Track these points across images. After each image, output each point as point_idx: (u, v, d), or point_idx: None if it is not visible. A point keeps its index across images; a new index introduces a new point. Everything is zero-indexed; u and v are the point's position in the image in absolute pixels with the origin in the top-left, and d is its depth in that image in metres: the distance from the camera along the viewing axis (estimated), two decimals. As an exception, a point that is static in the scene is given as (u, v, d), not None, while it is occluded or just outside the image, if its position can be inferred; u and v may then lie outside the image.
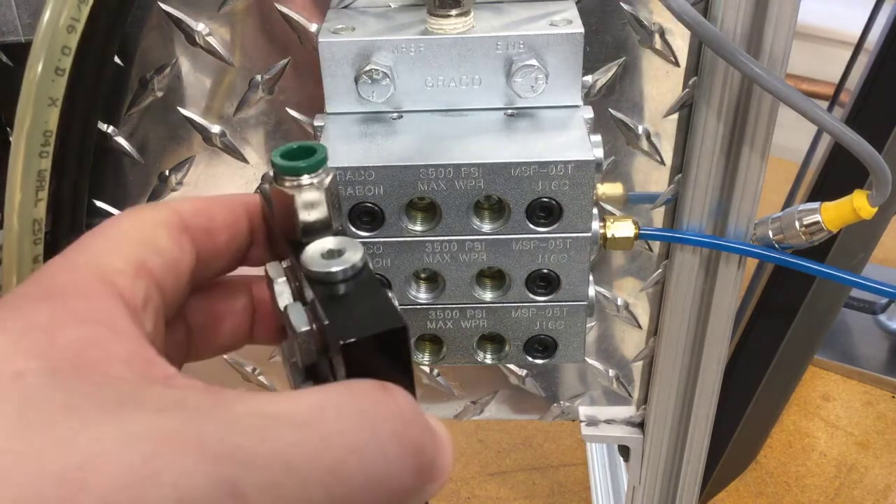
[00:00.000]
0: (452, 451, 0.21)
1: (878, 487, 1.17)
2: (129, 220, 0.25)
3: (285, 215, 0.24)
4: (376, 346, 0.21)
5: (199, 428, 0.18)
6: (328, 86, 0.39)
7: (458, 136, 0.37)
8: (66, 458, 0.17)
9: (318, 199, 0.24)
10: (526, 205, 0.36)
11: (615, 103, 0.44)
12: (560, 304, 0.39)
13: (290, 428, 0.18)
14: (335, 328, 0.21)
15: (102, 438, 0.17)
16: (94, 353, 0.19)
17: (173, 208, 0.25)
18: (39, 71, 0.36)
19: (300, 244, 0.24)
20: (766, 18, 0.39)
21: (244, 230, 0.27)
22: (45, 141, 0.37)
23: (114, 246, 0.23)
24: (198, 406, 0.18)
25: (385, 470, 0.19)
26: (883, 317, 1.42)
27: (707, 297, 0.49)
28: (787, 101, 0.37)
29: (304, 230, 0.24)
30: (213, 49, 0.43)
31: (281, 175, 0.24)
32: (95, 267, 0.22)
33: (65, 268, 0.22)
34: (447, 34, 0.38)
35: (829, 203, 0.43)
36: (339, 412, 0.19)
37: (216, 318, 0.28)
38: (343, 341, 0.21)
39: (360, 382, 0.20)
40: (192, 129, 0.45)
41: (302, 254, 0.23)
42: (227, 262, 0.28)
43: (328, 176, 0.24)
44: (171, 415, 0.18)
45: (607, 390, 0.55)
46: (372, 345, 0.21)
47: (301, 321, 0.23)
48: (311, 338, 0.23)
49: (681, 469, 0.57)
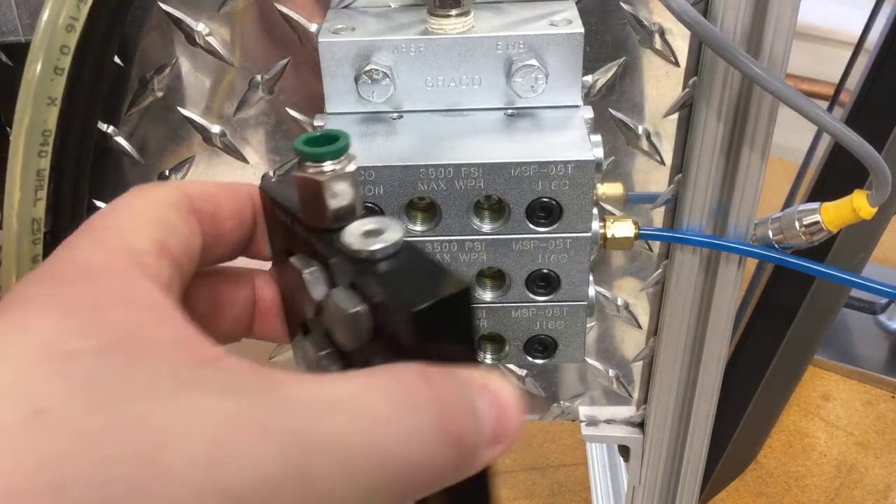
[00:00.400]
0: (520, 415, 0.21)
1: (878, 487, 1.17)
2: (141, 199, 0.24)
3: (312, 202, 0.24)
4: (446, 310, 0.21)
5: (261, 411, 0.18)
6: (328, 86, 0.39)
7: (458, 136, 0.37)
8: (145, 438, 0.16)
9: (345, 183, 0.24)
10: (526, 205, 0.36)
11: (615, 103, 0.44)
12: (560, 304, 0.39)
13: (344, 413, 0.18)
14: (402, 298, 0.21)
15: (174, 419, 0.17)
16: (142, 335, 0.19)
17: (182, 189, 0.25)
18: (38, 70, 0.36)
19: (327, 231, 0.24)
20: (766, 18, 0.39)
21: (249, 220, 0.27)
22: (44, 140, 0.37)
23: (135, 226, 0.23)
24: (256, 389, 0.18)
25: (429, 459, 0.19)
26: (883, 317, 1.42)
27: (707, 297, 0.49)
28: (787, 101, 0.37)
29: (334, 215, 0.24)
30: (213, 49, 0.43)
31: (305, 162, 0.24)
32: (124, 247, 0.22)
33: (95, 248, 0.22)
34: (447, 34, 0.38)
35: (829, 203, 0.43)
36: (385, 398, 0.19)
37: (218, 307, 0.28)
38: (415, 308, 0.20)
39: (402, 368, 0.20)
40: (192, 129, 0.45)
41: (341, 237, 0.23)
42: (228, 250, 0.27)
43: (351, 162, 0.24)
44: (234, 397, 0.18)
45: (607, 390, 0.55)
46: (441, 309, 0.21)
47: (351, 303, 0.22)
48: (362, 319, 0.22)
49: (681, 469, 0.57)
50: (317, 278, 0.24)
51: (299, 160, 0.24)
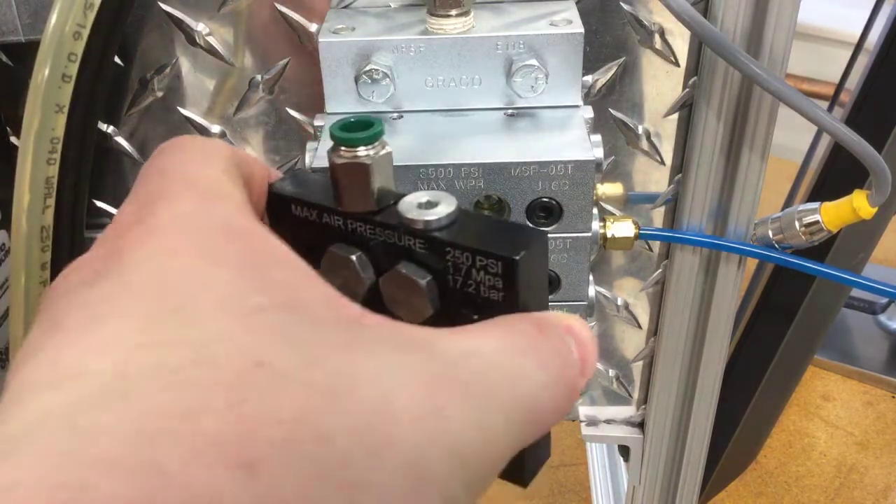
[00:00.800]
0: (595, 352, 0.22)
1: (878, 487, 1.17)
2: (215, 156, 0.23)
3: (356, 187, 0.25)
4: (535, 255, 0.22)
5: (433, 367, 0.18)
6: (328, 86, 0.39)
7: (458, 136, 0.37)
8: (367, 391, 0.16)
9: (388, 164, 0.25)
10: (526, 205, 0.36)
11: (615, 103, 0.44)
12: (560, 305, 0.39)
13: (492, 368, 0.19)
14: (501, 249, 0.21)
15: (380, 374, 0.17)
16: (299, 294, 0.19)
17: (229, 148, 0.24)
18: (46, 77, 0.36)
19: (372, 213, 0.24)
20: (766, 18, 0.39)
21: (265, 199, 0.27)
22: (53, 148, 0.37)
23: (233, 184, 0.22)
24: (420, 345, 0.18)
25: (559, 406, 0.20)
26: (883, 317, 1.42)
27: (707, 297, 0.49)
28: (787, 102, 0.37)
29: (378, 196, 0.25)
30: (214, 49, 0.43)
31: (342, 147, 0.24)
32: (244, 204, 0.22)
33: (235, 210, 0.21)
34: (447, 34, 0.38)
35: (828, 203, 0.43)
36: (513, 350, 0.20)
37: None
38: (517, 255, 0.21)
39: (517, 319, 0.21)
40: (192, 129, 0.45)
41: (399, 212, 0.23)
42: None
43: (386, 145, 0.25)
44: (408, 354, 0.18)
45: (607, 390, 0.55)
46: (532, 255, 0.22)
47: (421, 274, 0.23)
48: (434, 287, 0.23)
49: (681, 469, 0.57)
50: (364, 262, 0.25)
51: (335, 147, 0.24)
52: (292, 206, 0.27)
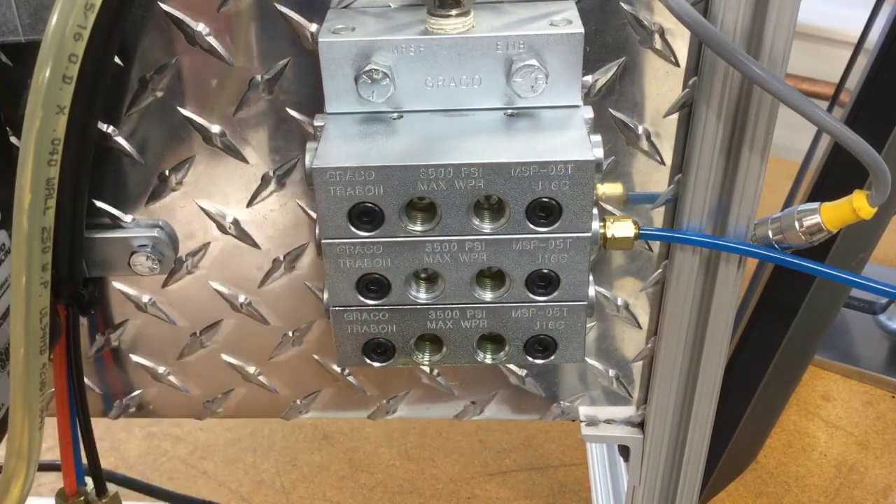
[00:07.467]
0: None
1: (878, 487, 1.17)
2: None
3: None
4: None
5: None
6: (328, 86, 0.39)
7: (458, 136, 0.37)
8: None
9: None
10: (526, 205, 0.36)
11: (615, 103, 0.44)
12: (560, 304, 0.39)
13: None
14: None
15: None
16: None
17: None
18: (47, 78, 0.36)
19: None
20: (766, 18, 0.39)
21: None
22: (53, 149, 0.37)
23: None
24: None
25: None
26: (883, 317, 1.42)
27: (707, 297, 0.49)
28: (787, 102, 0.37)
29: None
30: (213, 49, 0.43)
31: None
32: None
33: None
34: (447, 34, 0.38)
35: (828, 203, 0.43)
36: None
37: None
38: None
39: None
40: (192, 129, 0.45)
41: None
42: None
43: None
44: None
45: (607, 390, 0.55)
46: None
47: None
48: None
49: (681, 469, 0.57)
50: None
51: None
52: None
